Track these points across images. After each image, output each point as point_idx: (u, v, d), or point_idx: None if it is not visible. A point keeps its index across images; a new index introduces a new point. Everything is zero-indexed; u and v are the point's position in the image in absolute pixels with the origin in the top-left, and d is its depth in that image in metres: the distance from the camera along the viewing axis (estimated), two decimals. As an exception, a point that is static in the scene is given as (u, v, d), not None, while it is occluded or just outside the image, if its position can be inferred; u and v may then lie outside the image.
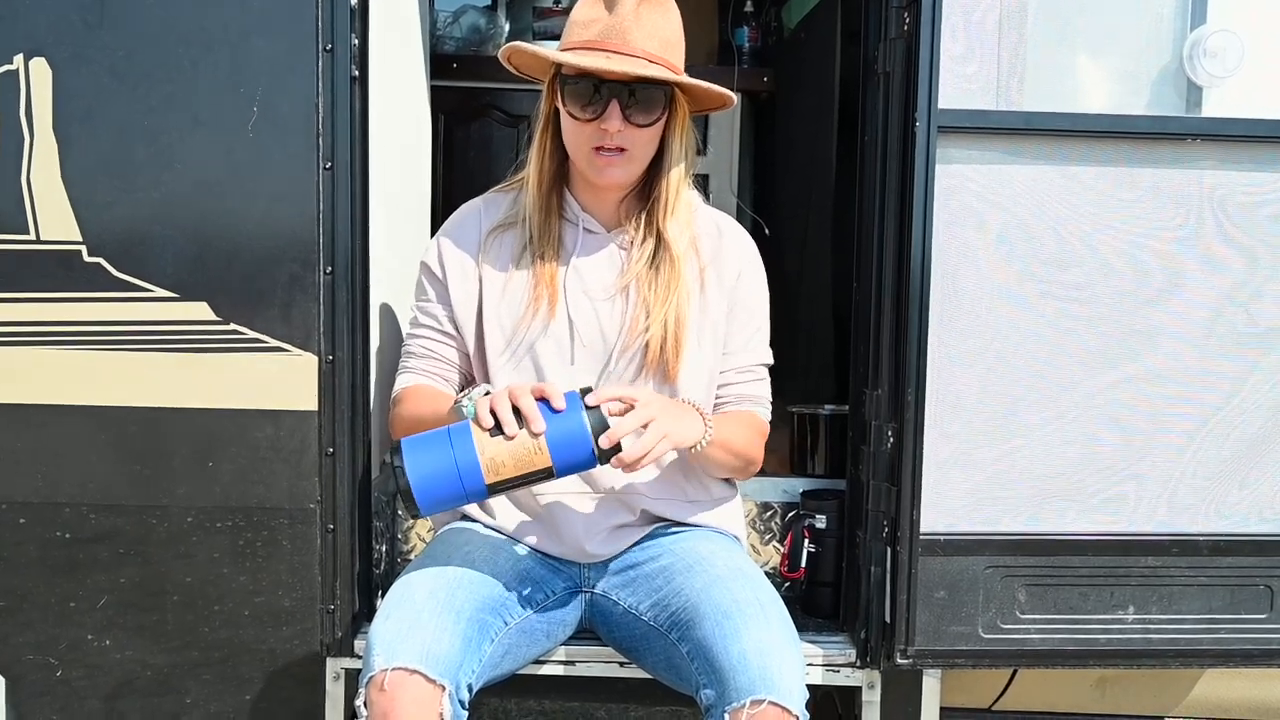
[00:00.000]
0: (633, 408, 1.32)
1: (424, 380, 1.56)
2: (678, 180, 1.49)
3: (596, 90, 1.40)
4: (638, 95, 1.41)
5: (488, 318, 1.52)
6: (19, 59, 1.57)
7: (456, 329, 1.54)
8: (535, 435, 1.27)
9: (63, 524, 1.64)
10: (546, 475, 1.30)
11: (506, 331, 1.51)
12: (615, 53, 1.39)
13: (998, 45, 1.57)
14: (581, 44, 1.41)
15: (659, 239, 1.49)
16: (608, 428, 1.29)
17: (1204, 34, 1.59)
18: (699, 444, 1.41)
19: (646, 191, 1.51)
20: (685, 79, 1.42)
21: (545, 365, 1.49)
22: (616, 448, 1.29)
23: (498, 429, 1.28)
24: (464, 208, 1.59)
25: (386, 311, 1.81)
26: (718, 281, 1.53)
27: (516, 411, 1.28)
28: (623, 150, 1.43)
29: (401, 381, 1.58)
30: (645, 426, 1.32)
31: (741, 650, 1.30)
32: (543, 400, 1.29)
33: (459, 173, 2.76)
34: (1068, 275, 1.61)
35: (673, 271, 1.48)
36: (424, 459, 1.27)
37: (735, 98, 1.50)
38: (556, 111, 1.48)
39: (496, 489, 1.30)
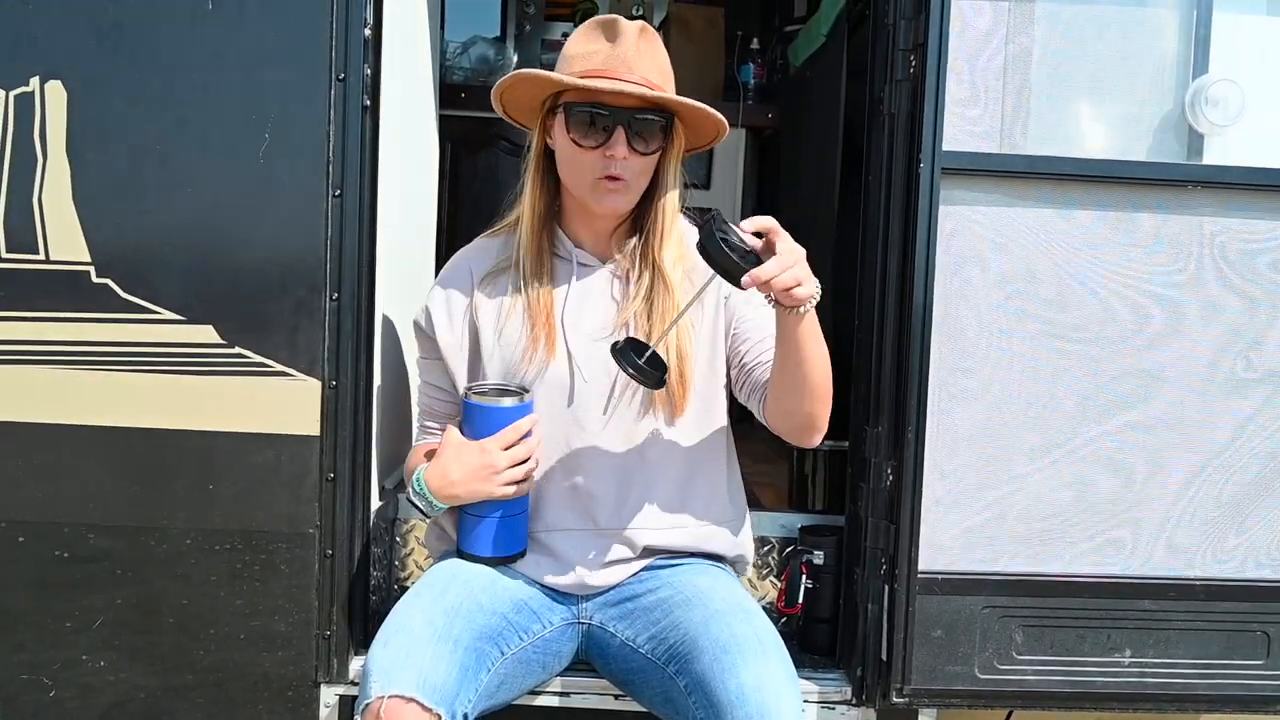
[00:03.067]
0: (770, 243, 1.27)
1: (432, 440, 1.59)
2: (672, 210, 1.50)
3: (602, 118, 1.42)
4: (641, 124, 1.43)
5: (487, 362, 1.53)
6: (35, 81, 1.59)
7: (452, 383, 1.56)
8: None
9: (62, 543, 1.64)
10: None
11: (509, 372, 1.51)
12: (622, 80, 1.42)
13: (1002, 89, 1.60)
14: (584, 73, 1.44)
15: (654, 269, 1.50)
16: (756, 264, 1.26)
17: (1206, 83, 1.61)
18: (811, 300, 1.32)
19: (638, 223, 1.53)
20: (693, 103, 1.44)
21: (547, 406, 1.49)
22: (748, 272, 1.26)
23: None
24: (454, 258, 1.60)
25: (390, 338, 1.82)
26: (714, 300, 1.52)
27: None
28: (625, 178, 1.44)
29: (418, 438, 1.64)
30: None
31: (739, 685, 1.30)
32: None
33: (465, 201, 2.78)
34: (1067, 317, 1.63)
35: (669, 300, 1.48)
36: (487, 541, 1.50)
37: (729, 127, 1.51)
38: (547, 150, 1.50)
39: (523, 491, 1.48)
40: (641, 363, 1.35)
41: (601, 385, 1.50)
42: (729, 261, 1.26)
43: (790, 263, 1.26)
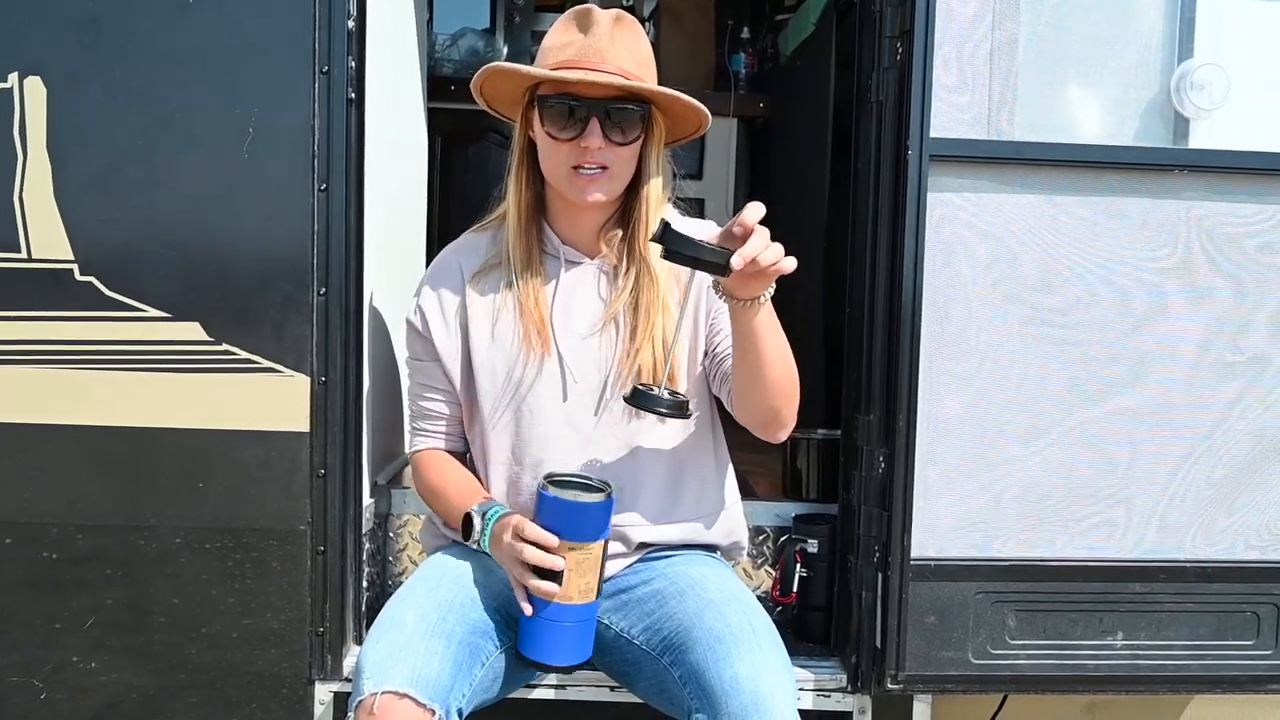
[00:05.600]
0: (748, 231, 1.24)
1: (435, 444, 1.58)
2: (655, 201, 1.49)
3: (576, 109, 1.41)
4: (617, 114, 1.42)
5: (478, 365, 1.52)
6: (14, 77, 1.57)
7: (450, 383, 1.55)
8: (569, 549, 1.34)
9: (50, 544, 1.62)
10: (605, 545, 1.37)
11: (499, 377, 1.51)
12: (594, 70, 1.40)
13: (989, 76, 1.59)
14: (558, 65, 1.43)
15: (639, 262, 1.48)
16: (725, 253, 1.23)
17: (1191, 67, 1.61)
18: (767, 293, 1.31)
19: (624, 217, 1.51)
20: (665, 90, 1.43)
21: (539, 406, 1.49)
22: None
23: (551, 577, 1.34)
24: (442, 256, 1.59)
25: (380, 333, 1.81)
26: (695, 291, 1.50)
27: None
28: (604, 168, 1.43)
29: (415, 444, 1.60)
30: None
31: (734, 675, 1.30)
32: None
33: (456, 194, 2.76)
34: (1056, 303, 1.62)
35: (654, 292, 1.47)
36: (554, 649, 1.38)
37: (709, 116, 1.49)
38: (530, 144, 1.49)
39: (599, 592, 1.39)
40: (667, 401, 1.33)
41: (592, 383, 1.49)
42: (705, 253, 1.23)
43: (768, 239, 1.24)
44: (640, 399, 1.34)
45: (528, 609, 1.37)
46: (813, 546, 1.79)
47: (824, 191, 2.27)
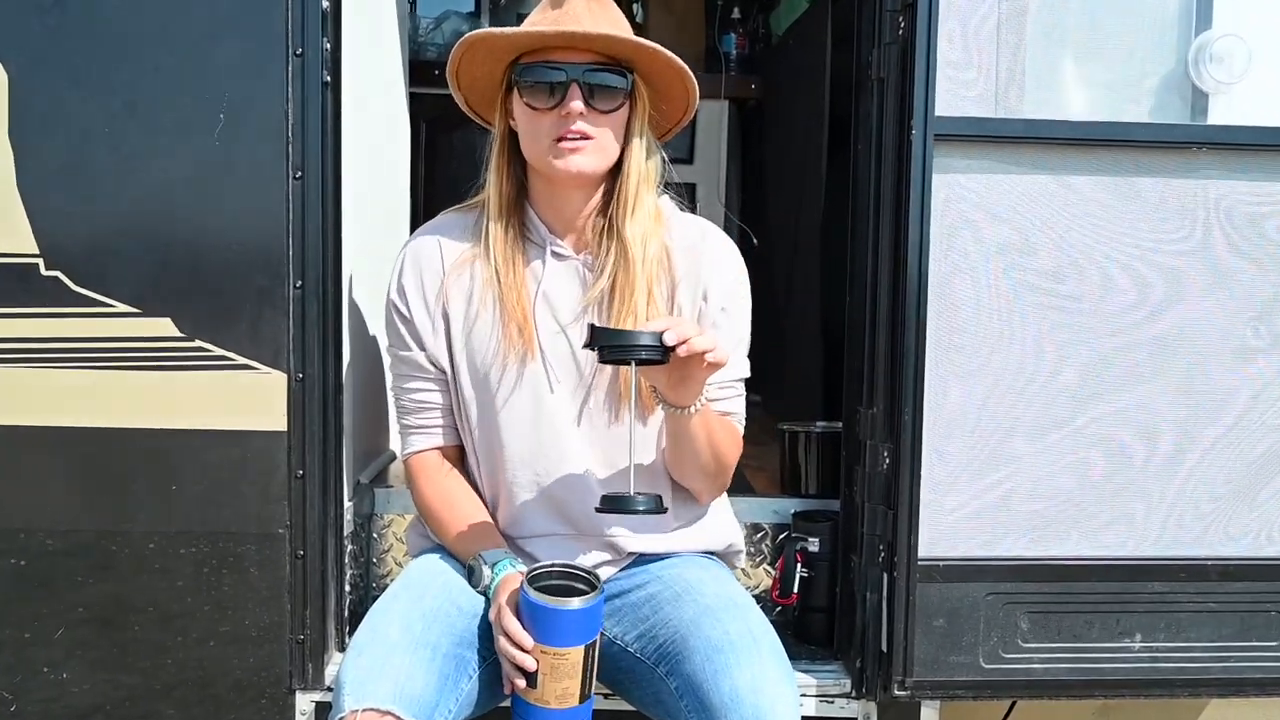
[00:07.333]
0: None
1: (431, 443, 1.51)
2: (638, 180, 1.43)
3: (555, 78, 1.36)
4: (597, 79, 1.37)
5: (457, 355, 1.46)
6: (-28, 63, 1.51)
7: (438, 369, 1.48)
8: (542, 651, 1.27)
9: (18, 550, 1.57)
10: (590, 649, 1.29)
11: (479, 369, 1.45)
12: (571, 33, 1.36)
13: (996, 51, 1.53)
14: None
15: (617, 242, 1.42)
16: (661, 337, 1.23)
17: (1209, 38, 1.55)
18: (698, 401, 1.33)
19: (608, 201, 1.45)
20: (645, 43, 1.37)
21: (520, 402, 1.43)
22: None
23: (529, 678, 1.28)
24: (421, 238, 1.51)
25: (359, 327, 1.75)
26: (691, 297, 1.45)
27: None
28: (587, 138, 1.37)
29: (410, 445, 1.53)
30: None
31: (733, 687, 1.24)
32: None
33: (440, 182, 2.70)
34: (1068, 289, 1.56)
35: (629, 276, 1.40)
36: None
37: (696, 85, 1.44)
38: (510, 134, 1.44)
39: (585, 696, 1.30)
40: (641, 501, 1.28)
41: (573, 379, 1.44)
42: (639, 339, 1.22)
43: (700, 329, 1.25)
44: (612, 504, 1.29)
45: (506, 687, 1.32)
46: (814, 545, 1.73)
47: (821, 174, 2.21)
